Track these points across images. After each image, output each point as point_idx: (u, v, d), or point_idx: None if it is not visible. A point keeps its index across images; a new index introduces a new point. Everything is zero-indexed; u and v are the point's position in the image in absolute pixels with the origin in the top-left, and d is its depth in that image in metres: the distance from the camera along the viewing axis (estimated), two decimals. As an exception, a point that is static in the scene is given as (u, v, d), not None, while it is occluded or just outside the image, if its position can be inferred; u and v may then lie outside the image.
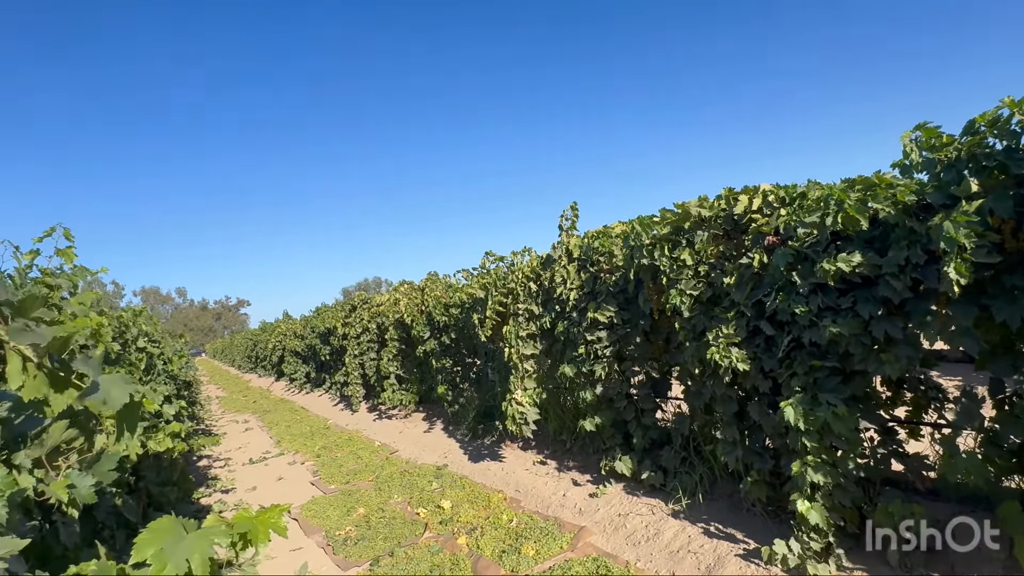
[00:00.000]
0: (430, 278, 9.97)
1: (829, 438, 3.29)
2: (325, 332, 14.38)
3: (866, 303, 3.11)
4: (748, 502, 4.10)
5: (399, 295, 10.27)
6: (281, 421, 12.67)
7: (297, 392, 17.30)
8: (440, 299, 8.64)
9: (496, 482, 6.14)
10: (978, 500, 3.34)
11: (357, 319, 11.82)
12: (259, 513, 1.41)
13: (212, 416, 15.36)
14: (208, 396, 21.12)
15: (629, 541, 4.31)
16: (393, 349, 10.36)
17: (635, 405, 5.14)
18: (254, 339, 27.98)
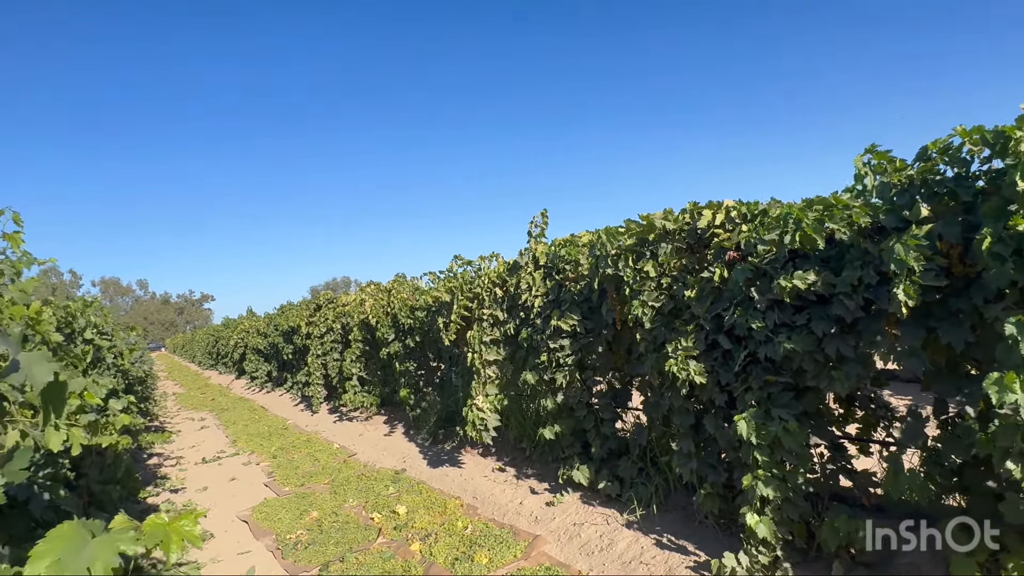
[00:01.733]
0: (397, 280, 9.87)
1: (780, 453, 3.34)
2: (289, 331, 14.11)
3: (820, 321, 3.16)
4: (701, 514, 4.13)
5: (365, 296, 10.14)
6: (239, 420, 12.37)
7: (258, 391, 16.93)
8: (406, 301, 8.55)
9: (454, 488, 6.07)
10: (920, 517, 3.41)
11: (322, 318, 11.62)
12: (172, 520, 1.35)
13: (167, 413, 14.92)
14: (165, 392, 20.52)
15: (583, 551, 4.30)
16: (357, 350, 10.21)
17: (595, 414, 5.14)
18: (216, 335, 27.33)
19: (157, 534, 1.27)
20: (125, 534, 1.21)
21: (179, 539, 1.30)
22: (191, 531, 1.32)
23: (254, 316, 20.34)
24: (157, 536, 1.27)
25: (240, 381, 19.87)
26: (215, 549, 5.30)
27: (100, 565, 1.08)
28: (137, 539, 1.23)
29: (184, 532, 1.31)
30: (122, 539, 1.19)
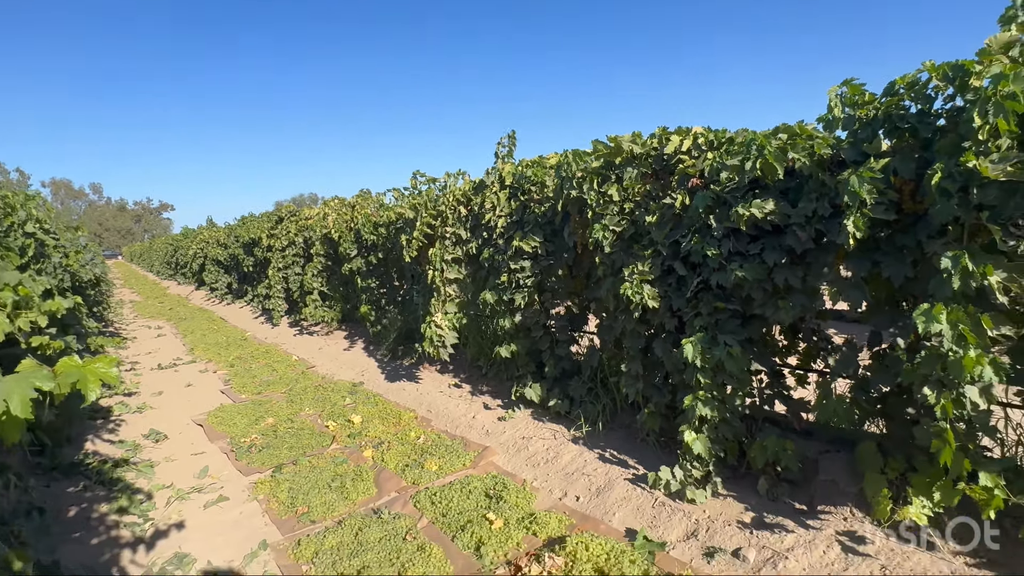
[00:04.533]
0: (361, 195, 9.65)
1: (722, 376, 3.47)
2: (250, 242, 13.79)
3: (772, 251, 3.22)
4: (643, 432, 4.32)
5: (328, 210, 9.90)
6: (197, 329, 12.25)
7: (218, 302, 16.71)
8: (370, 217, 8.39)
9: (409, 401, 6.20)
10: (843, 441, 3.64)
11: (283, 231, 11.36)
12: (87, 362, 1.33)
13: (123, 320, 14.67)
14: (121, 300, 20.10)
15: (530, 462, 4.48)
16: (318, 265, 10.07)
17: (551, 336, 5.24)
18: (175, 244, 26.59)
19: (72, 374, 1.26)
20: (38, 372, 1.18)
21: (95, 379, 1.28)
22: (107, 372, 1.31)
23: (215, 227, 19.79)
24: (72, 376, 1.25)
25: (200, 292, 19.55)
26: (169, 449, 5.36)
27: (17, 399, 1.06)
28: (51, 377, 1.21)
29: (100, 373, 1.29)
30: (36, 376, 1.17)
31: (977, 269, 2.30)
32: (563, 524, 3.58)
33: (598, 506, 3.77)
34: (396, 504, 4.03)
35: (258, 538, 3.71)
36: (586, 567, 3.09)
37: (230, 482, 4.60)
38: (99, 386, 1.28)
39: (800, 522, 3.19)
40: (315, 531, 3.73)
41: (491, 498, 3.93)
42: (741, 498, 3.50)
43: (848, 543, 2.96)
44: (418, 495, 4.06)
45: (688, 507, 3.51)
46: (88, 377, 1.26)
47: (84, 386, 1.25)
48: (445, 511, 3.83)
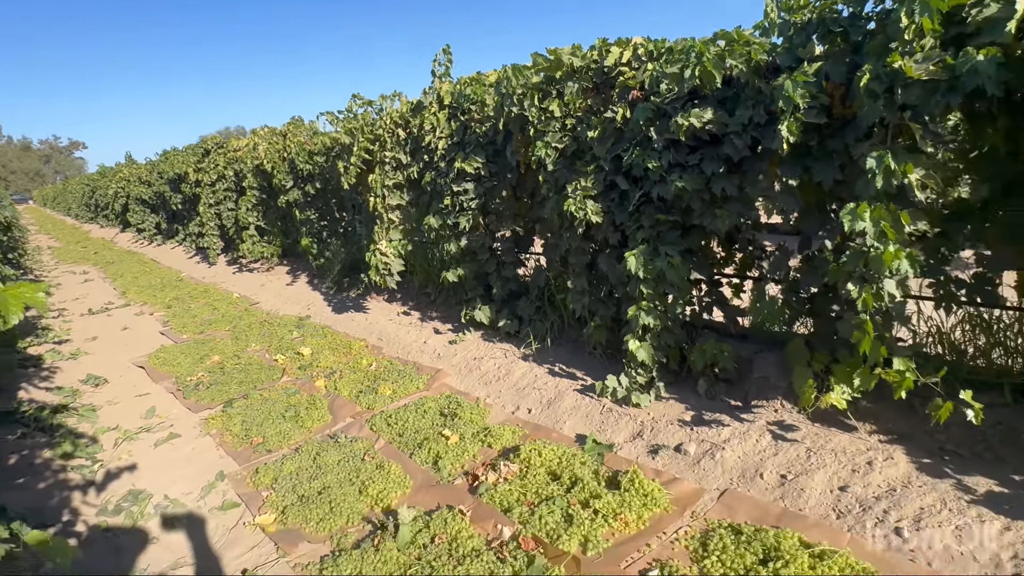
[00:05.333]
0: (294, 122, 9.16)
1: (663, 286, 3.60)
2: (175, 179, 13.00)
3: (711, 161, 3.28)
4: (590, 345, 4.47)
5: (258, 140, 9.38)
6: (127, 273, 11.68)
7: (147, 244, 15.89)
8: (304, 146, 8.01)
9: (359, 331, 6.18)
10: (776, 342, 3.88)
11: (211, 165, 10.74)
12: (9, 286, 1.26)
13: (43, 267, 13.81)
14: (38, 247, 18.84)
15: (482, 381, 4.60)
16: (252, 199, 9.64)
17: (497, 258, 5.26)
18: (92, 185, 24.79)
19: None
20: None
21: (19, 303, 1.22)
22: (34, 296, 1.25)
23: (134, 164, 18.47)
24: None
25: (126, 235, 18.49)
26: (110, 393, 5.21)
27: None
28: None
29: (26, 296, 1.23)
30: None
31: (899, 167, 2.41)
32: (516, 435, 3.73)
33: (549, 416, 3.93)
34: (352, 428, 4.09)
35: (214, 470, 3.72)
36: (539, 471, 3.25)
37: (180, 420, 4.54)
38: (22, 309, 1.21)
39: (736, 416, 3.43)
40: (272, 459, 3.76)
41: (446, 416, 4.04)
42: (682, 399, 3.72)
43: (778, 431, 3.21)
44: (374, 418, 4.12)
45: (634, 411, 3.71)
46: (9, 300, 1.19)
47: (5, 309, 1.18)
48: (401, 431, 3.92)
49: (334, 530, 3.01)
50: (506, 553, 2.66)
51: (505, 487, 3.14)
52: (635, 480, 3.00)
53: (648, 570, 2.51)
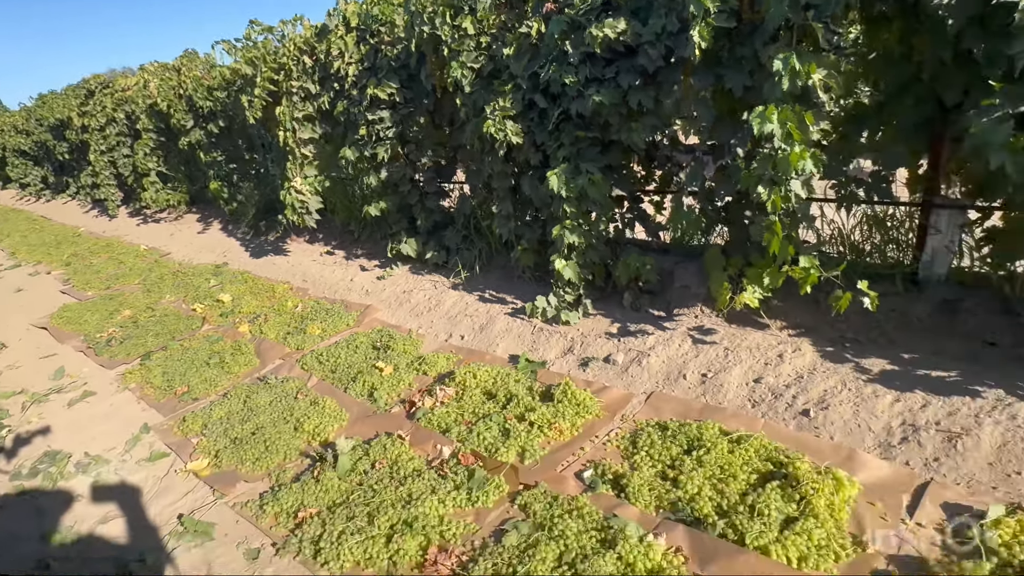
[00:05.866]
0: (187, 56, 8.40)
1: (586, 204, 3.63)
2: (58, 125, 11.77)
3: (627, 73, 3.26)
4: (519, 269, 4.51)
5: (149, 76, 8.56)
6: (14, 232, 10.68)
7: (34, 200, 14.50)
8: (201, 81, 7.39)
9: (281, 274, 5.96)
10: (695, 254, 4.03)
11: (98, 107, 9.75)
12: None
13: (-88, 231, 12.38)
14: (-97, 209, 16.83)
15: (413, 313, 4.57)
16: (150, 142, 8.88)
17: (420, 189, 5.13)
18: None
19: None
20: None
21: None
22: None
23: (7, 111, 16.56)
24: None
25: (8, 192, 16.78)
26: (11, 357, 4.86)
27: None
28: None
29: None
30: None
31: (803, 68, 2.48)
32: (451, 361, 3.76)
33: (482, 341, 3.98)
34: (282, 370, 4.00)
35: (138, 423, 3.57)
36: (475, 392, 3.31)
37: (93, 377, 4.30)
38: None
39: (659, 325, 3.58)
40: (200, 407, 3.64)
41: (379, 349, 4.01)
42: (609, 314, 3.85)
43: (698, 335, 3.39)
44: (304, 358, 4.04)
45: (564, 329, 3.81)
46: None
47: None
48: (334, 367, 3.87)
49: (272, 467, 2.99)
50: (447, 470, 2.73)
51: (442, 410, 3.19)
52: (567, 391, 3.11)
53: (583, 471, 2.64)
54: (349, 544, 2.35)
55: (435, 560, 2.27)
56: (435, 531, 2.38)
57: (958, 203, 2.97)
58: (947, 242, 3.03)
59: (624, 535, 2.17)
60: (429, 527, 2.39)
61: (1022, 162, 2.25)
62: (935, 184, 3.08)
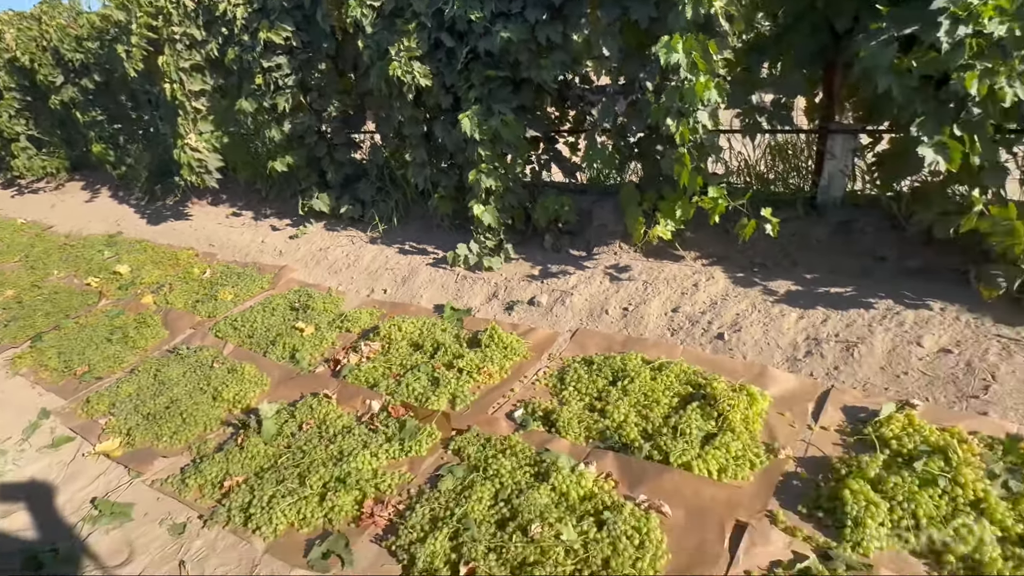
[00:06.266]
0: (48, 3, 7.46)
1: (500, 146, 3.56)
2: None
3: (533, 7, 3.17)
4: (438, 218, 4.42)
5: (3, 27, 7.56)
6: None
7: None
8: (68, 30, 6.59)
9: (184, 240, 5.58)
10: (612, 192, 4.08)
11: (-55, 65, 8.55)
12: None
13: None
14: None
15: (331, 270, 4.41)
16: (14, 103, 7.90)
17: (328, 141, 4.87)
18: None
19: None
20: None
21: None
22: None
23: None
24: None
25: None
26: None
27: None
28: None
29: None
30: None
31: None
32: (374, 316, 3.68)
33: (405, 293, 3.91)
34: (195, 339, 3.78)
35: (35, 409, 3.30)
36: (401, 344, 3.27)
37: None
38: None
39: (580, 265, 3.63)
40: (104, 386, 3.41)
41: (297, 310, 3.86)
42: (530, 257, 3.85)
43: (618, 271, 3.46)
44: (217, 325, 3.84)
45: (487, 275, 3.79)
46: None
47: None
48: (251, 332, 3.70)
49: (192, 440, 2.85)
50: (377, 424, 2.70)
51: (369, 365, 3.13)
52: (494, 336, 3.12)
53: (514, 411, 2.68)
54: (281, 507, 2.29)
55: (372, 513, 2.26)
56: (370, 484, 2.36)
57: (851, 128, 3.13)
58: (842, 166, 3.20)
59: (556, 467, 2.23)
60: (363, 481, 2.37)
61: (906, 83, 2.38)
62: (830, 111, 3.22)
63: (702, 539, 1.95)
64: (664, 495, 2.10)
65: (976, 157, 2.41)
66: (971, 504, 1.86)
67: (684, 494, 2.09)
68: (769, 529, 1.94)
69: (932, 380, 2.38)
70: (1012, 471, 1.93)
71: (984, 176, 2.49)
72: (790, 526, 1.94)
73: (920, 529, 1.83)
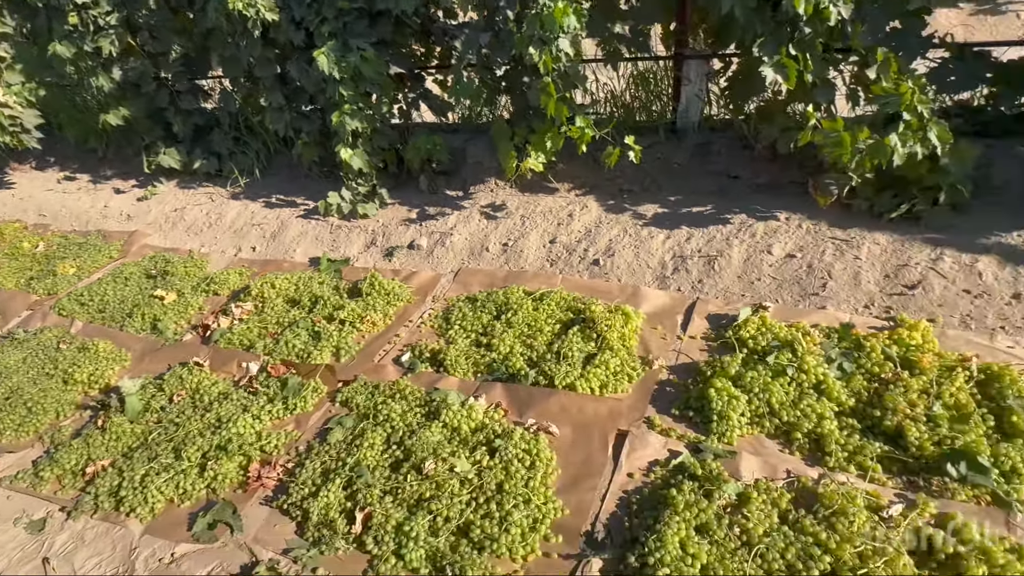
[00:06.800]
0: None
1: (363, 85, 3.37)
2: None
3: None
4: (305, 167, 4.15)
5: None
6: None
7: None
8: None
9: (8, 212, 4.86)
10: (485, 130, 4.01)
11: None
12: None
13: None
14: None
15: (191, 232, 4.05)
16: None
17: (170, 89, 4.37)
18: None
19: None
20: None
21: None
22: None
23: None
24: None
25: None
26: None
27: None
28: None
29: None
30: None
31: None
32: (244, 276, 3.45)
33: (277, 249, 3.68)
34: (33, 320, 3.36)
35: None
36: (277, 302, 3.10)
37: None
38: None
39: (457, 205, 3.58)
40: (-76, 384, 2.95)
41: (155, 277, 3.52)
42: (407, 201, 3.75)
43: (496, 208, 3.46)
44: (60, 303, 3.42)
45: (363, 223, 3.65)
46: None
47: None
48: (102, 306, 3.34)
49: (42, 430, 2.57)
50: (257, 385, 2.57)
51: (242, 327, 2.95)
52: (375, 284, 3.03)
53: (401, 355, 2.65)
54: (156, 484, 2.14)
55: (259, 476, 2.17)
56: (254, 448, 2.26)
57: (703, 53, 3.26)
58: (697, 91, 3.35)
59: (447, 404, 2.25)
60: (247, 445, 2.26)
61: (747, 5, 2.50)
62: (684, 38, 3.32)
63: (588, 452, 2.06)
64: (551, 416, 2.18)
65: (809, 75, 2.61)
66: (814, 387, 2.10)
67: (570, 413, 2.19)
68: (647, 433, 2.08)
69: (781, 283, 2.62)
70: (845, 354, 2.19)
71: (816, 93, 2.71)
72: (665, 428, 2.10)
73: (774, 414, 2.05)
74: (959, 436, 1.82)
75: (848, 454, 1.89)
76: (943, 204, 2.61)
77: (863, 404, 2.03)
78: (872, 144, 2.45)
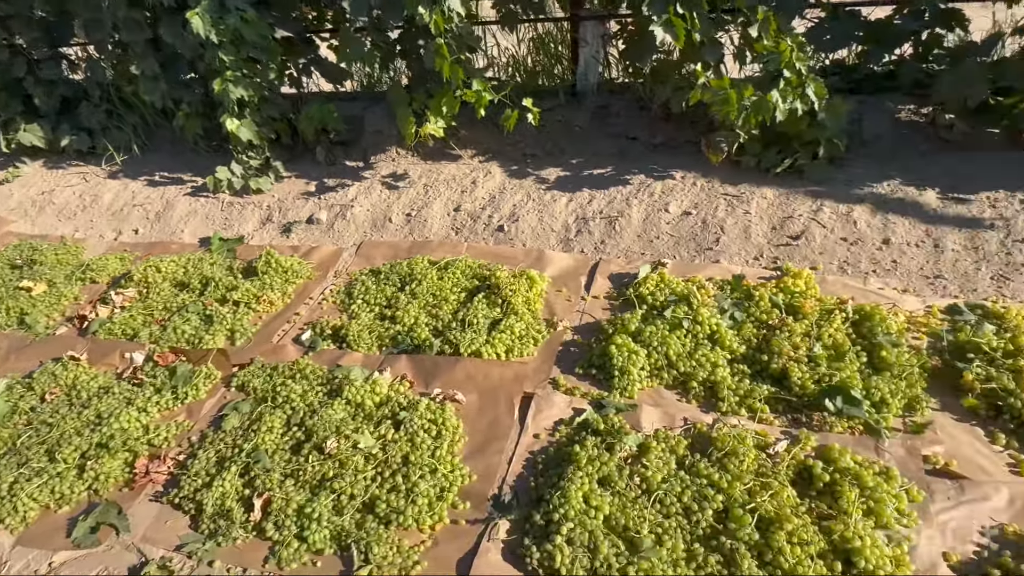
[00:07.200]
0: None
1: (246, 49, 3.14)
2: None
3: None
4: (189, 141, 3.85)
5: None
6: None
7: None
8: None
9: None
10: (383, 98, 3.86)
11: None
12: None
13: None
14: None
15: (62, 216, 3.68)
16: None
17: (26, 57, 3.92)
18: None
19: None
20: None
21: None
22: None
23: None
24: None
25: None
26: None
27: None
28: None
29: None
30: None
31: None
32: (126, 261, 3.18)
33: (163, 230, 3.42)
34: None
35: None
36: (163, 287, 2.88)
37: None
38: None
39: (358, 176, 3.44)
40: None
41: (20, 268, 3.19)
42: (304, 173, 3.57)
43: (397, 178, 3.36)
44: (-94, 302, 3.03)
45: (257, 198, 3.45)
46: None
47: None
48: (-44, 303, 2.99)
49: None
50: (143, 376, 2.39)
51: (125, 315, 2.72)
52: (271, 261, 2.88)
53: (301, 334, 2.54)
54: (28, 491, 1.95)
55: (147, 471, 2.02)
56: (140, 443, 2.10)
57: (598, 14, 3.26)
58: (594, 52, 3.36)
59: (349, 380, 2.18)
60: (132, 441, 2.10)
61: (634, -37, 2.49)
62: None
63: (495, 416, 2.05)
64: (457, 384, 2.16)
65: (697, 34, 2.66)
66: (708, 337, 2.18)
67: (476, 379, 2.17)
68: (552, 394, 2.10)
69: (678, 240, 2.70)
70: (737, 305, 2.28)
71: (705, 52, 2.76)
72: (570, 387, 2.13)
73: (672, 366, 2.11)
74: (836, 373, 1.95)
75: (739, 398, 1.98)
76: (822, 158, 2.75)
77: (753, 350, 2.13)
78: (756, 101, 2.53)
